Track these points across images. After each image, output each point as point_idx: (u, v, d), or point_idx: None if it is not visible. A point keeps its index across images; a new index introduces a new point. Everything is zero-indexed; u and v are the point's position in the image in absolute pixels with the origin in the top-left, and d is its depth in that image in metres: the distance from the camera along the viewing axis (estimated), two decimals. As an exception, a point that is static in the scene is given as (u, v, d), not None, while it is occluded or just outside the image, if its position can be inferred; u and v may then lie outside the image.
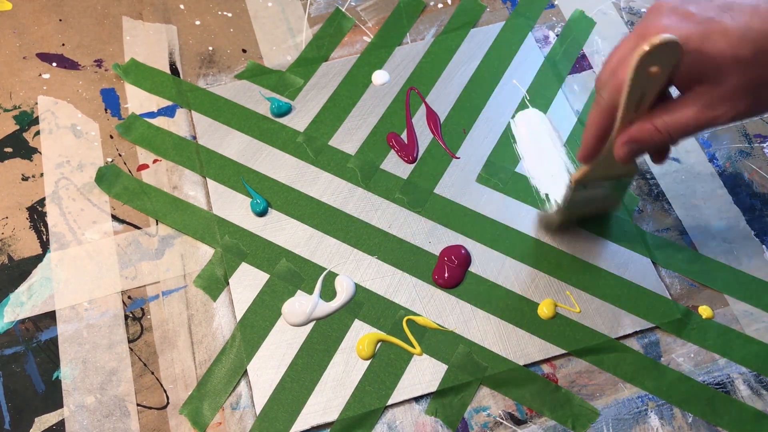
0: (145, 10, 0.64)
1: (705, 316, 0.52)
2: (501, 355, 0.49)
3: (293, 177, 0.56)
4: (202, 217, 0.54)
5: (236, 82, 0.61)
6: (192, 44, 0.63)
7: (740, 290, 0.53)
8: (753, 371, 0.50)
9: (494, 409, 0.48)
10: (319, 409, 0.47)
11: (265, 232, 0.54)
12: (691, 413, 0.48)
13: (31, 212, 0.54)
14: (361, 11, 0.65)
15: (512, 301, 0.52)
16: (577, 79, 0.62)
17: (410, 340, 0.50)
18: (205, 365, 0.49)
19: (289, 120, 0.59)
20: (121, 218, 0.54)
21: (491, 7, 0.65)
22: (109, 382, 0.48)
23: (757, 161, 0.58)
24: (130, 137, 0.57)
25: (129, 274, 0.52)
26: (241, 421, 0.47)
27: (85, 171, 0.56)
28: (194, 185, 0.56)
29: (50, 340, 0.49)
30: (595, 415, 0.48)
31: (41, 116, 0.58)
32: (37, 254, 0.53)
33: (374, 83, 0.60)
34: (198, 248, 0.53)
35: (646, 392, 0.49)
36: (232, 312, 0.51)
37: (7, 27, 0.63)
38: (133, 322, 0.50)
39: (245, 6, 0.65)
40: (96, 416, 0.47)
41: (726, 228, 0.55)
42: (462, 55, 0.62)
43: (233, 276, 0.52)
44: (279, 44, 0.63)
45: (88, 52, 0.62)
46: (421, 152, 0.58)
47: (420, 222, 0.55)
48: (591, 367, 0.50)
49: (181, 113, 0.59)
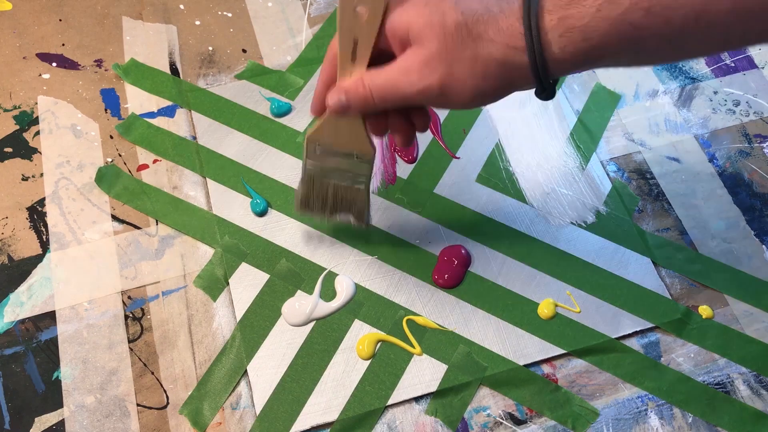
0: (145, 10, 0.64)
1: (705, 316, 0.52)
2: (501, 355, 0.49)
3: (293, 177, 0.56)
4: (202, 217, 0.54)
5: (236, 82, 0.61)
6: (192, 44, 0.63)
7: (740, 290, 0.53)
8: (753, 371, 0.50)
9: (494, 409, 0.48)
10: (319, 409, 0.47)
11: (265, 232, 0.54)
12: (691, 413, 0.48)
13: (31, 212, 0.54)
14: (361, 11, 0.65)
15: (512, 301, 0.52)
16: (577, 79, 0.62)
17: (410, 340, 0.50)
18: (205, 365, 0.49)
19: (289, 120, 0.59)
20: (121, 218, 0.54)
21: (491, 7, 0.65)
22: (109, 382, 0.48)
23: (757, 161, 0.58)
24: (130, 137, 0.57)
25: (129, 274, 0.52)
26: (241, 421, 0.47)
27: (85, 171, 0.56)
28: (194, 185, 0.56)
29: (50, 340, 0.49)
30: (595, 415, 0.48)
31: (41, 116, 0.58)
32: (37, 254, 0.53)
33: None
34: (198, 248, 0.53)
35: (646, 392, 0.49)
36: (232, 312, 0.51)
37: (7, 27, 0.63)
38: (133, 322, 0.50)
39: (245, 6, 0.65)
40: (96, 416, 0.47)
41: (726, 228, 0.55)
42: (462, 55, 0.62)
43: (233, 276, 0.52)
44: (279, 44, 0.63)
45: (88, 52, 0.62)
46: (421, 152, 0.58)
47: (420, 222, 0.54)
48: (591, 367, 0.50)
49: (181, 113, 0.59)
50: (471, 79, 0.36)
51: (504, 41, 0.34)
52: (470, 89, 0.36)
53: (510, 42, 0.34)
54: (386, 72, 0.38)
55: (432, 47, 0.36)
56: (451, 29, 0.35)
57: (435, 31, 0.35)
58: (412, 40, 0.36)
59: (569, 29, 0.33)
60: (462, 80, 0.36)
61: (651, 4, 0.31)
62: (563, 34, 0.33)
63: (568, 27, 0.33)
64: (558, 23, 0.33)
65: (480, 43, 0.35)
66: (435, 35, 0.35)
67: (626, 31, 0.32)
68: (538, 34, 0.33)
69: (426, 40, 0.36)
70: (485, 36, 0.35)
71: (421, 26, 0.36)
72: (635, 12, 0.32)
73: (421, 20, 0.36)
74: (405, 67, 0.37)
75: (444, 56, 0.36)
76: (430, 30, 0.35)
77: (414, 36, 0.36)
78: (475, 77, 0.36)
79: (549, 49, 0.34)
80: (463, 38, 0.35)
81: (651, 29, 0.32)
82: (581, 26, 0.33)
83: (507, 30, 0.34)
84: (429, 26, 0.35)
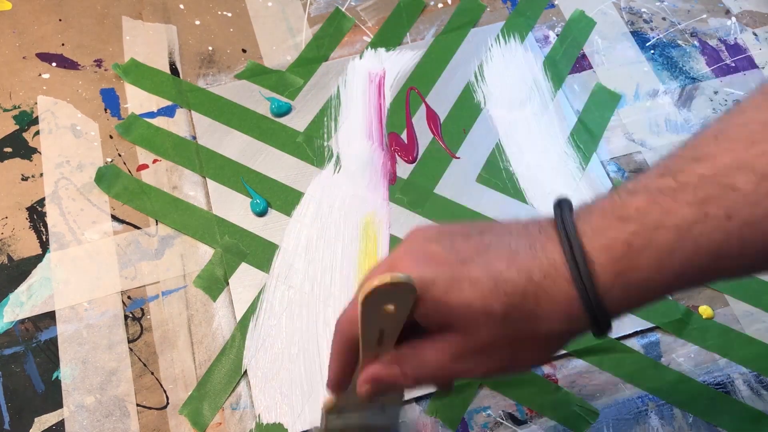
0: (145, 10, 0.64)
1: (705, 316, 0.52)
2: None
3: (293, 177, 0.56)
4: (202, 217, 0.54)
5: (236, 82, 0.61)
6: (192, 44, 0.63)
7: (740, 290, 0.53)
8: (753, 371, 0.50)
9: (494, 409, 0.48)
10: (319, 409, 0.47)
11: (265, 232, 0.54)
12: (692, 413, 0.48)
13: (30, 212, 0.54)
14: (361, 11, 0.65)
15: (512, 301, 0.51)
16: (577, 79, 0.62)
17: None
18: (205, 365, 0.49)
19: (289, 120, 0.59)
20: (121, 218, 0.54)
21: (491, 7, 0.65)
22: (108, 382, 0.48)
23: (757, 161, 0.58)
24: (129, 137, 0.57)
25: (129, 274, 0.52)
26: (241, 421, 0.47)
27: (84, 171, 0.56)
28: (194, 185, 0.56)
29: (50, 340, 0.49)
30: (595, 415, 0.48)
31: (41, 116, 0.58)
32: (36, 254, 0.52)
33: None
34: (198, 248, 0.53)
35: (646, 392, 0.49)
36: (232, 312, 0.51)
37: (7, 27, 0.63)
38: (133, 322, 0.50)
39: (245, 6, 0.65)
40: (96, 416, 0.47)
41: (726, 228, 0.55)
42: (462, 55, 0.62)
43: (233, 276, 0.52)
44: (279, 44, 0.63)
45: (88, 52, 0.62)
46: (421, 152, 0.58)
47: (420, 222, 0.54)
48: (591, 367, 0.50)
49: (181, 113, 0.59)
50: (534, 354, 0.33)
51: (562, 312, 0.30)
52: (533, 362, 0.34)
53: (568, 311, 0.30)
54: (429, 356, 0.33)
55: (483, 336, 0.31)
56: (499, 316, 0.30)
57: (481, 320, 0.31)
58: (455, 326, 0.32)
59: (628, 284, 0.30)
60: (524, 359, 0.33)
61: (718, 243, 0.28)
62: (624, 288, 0.30)
63: (627, 282, 0.30)
64: (616, 280, 0.29)
65: (536, 322, 0.31)
66: (483, 324, 0.31)
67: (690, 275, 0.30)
68: (596, 296, 0.30)
69: (473, 329, 0.31)
70: (539, 313, 0.30)
71: (463, 314, 0.31)
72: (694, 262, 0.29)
73: (460, 308, 0.31)
74: (455, 354, 0.32)
75: (500, 344, 0.32)
76: (474, 318, 0.31)
77: (456, 323, 0.32)
78: (539, 352, 0.33)
79: (610, 303, 0.30)
80: (515, 321, 0.31)
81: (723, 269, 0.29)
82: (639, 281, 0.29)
83: (562, 300, 0.30)
84: (470, 313, 0.31)
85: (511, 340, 0.31)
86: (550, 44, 0.63)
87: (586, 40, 0.64)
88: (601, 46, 0.63)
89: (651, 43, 0.64)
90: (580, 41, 0.63)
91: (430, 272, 0.31)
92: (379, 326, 0.32)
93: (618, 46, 0.64)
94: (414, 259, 0.32)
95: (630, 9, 0.66)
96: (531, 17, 0.65)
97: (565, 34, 0.64)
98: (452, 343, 0.32)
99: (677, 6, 0.66)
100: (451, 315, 0.31)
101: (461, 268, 0.31)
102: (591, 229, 0.30)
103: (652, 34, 0.64)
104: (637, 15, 0.65)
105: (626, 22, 0.65)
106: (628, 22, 0.65)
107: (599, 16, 0.65)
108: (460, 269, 0.31)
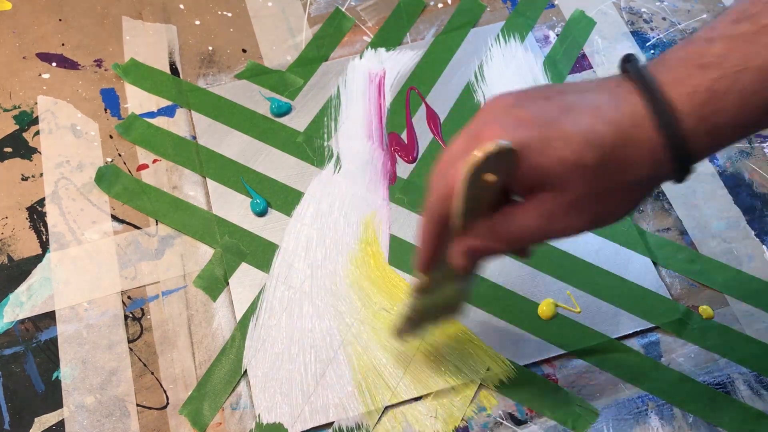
0: (145, 10, 0.64)
1: (705, 316, 0.52)
2: (501, 355, 0.49)
3: (293, 177, 0.56)
4: (202, 217, 0.54)
5: (236, 82, 0.61)
6: (192, 44, 0.63)
7: (740, 290, 0.53)
8: (753, 371, 0.50)
9: (494, 409, 0.48)
10: (319, 410, 0.47)
11: (265, 232, 0.54)
12: (692, 413, 0.48)
13: (30, 212, 0.54)
14: (361, 11, 0.65)
15: (512, 301, 0.51)
16: (577, 79, 0.62)
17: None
18: (205, 365, 0.49)
19: (289, 120, 0.59)
20: (121, 218, 0.54)
21: (491, 7, 0.65)
22: (108, 382, 0.48)
23: (757, 161, 0.58)
24: (129, 137, 0.57)
25: (129, 274, 0.52)
26: (241, 421, 0.47)
27: (84, 171, 0.56)
28: (194, 185, 0.56)
29: (50, 340, 0.49)
30: (595, 415, 0.48)
31: (41, 116, 0.58)
32: (36, 254, 0.52)
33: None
34: (198, 248, 0.53)
35: (646, 392, 0.49)
36: (232, 312, 0.51)
37: (7, 27, 0.63)
38: (133, 322, 0.50)
39: (245, 6, 0.65)
40: (96, 416, 0.47)
41: (726, 228, 0.55)
42: (462, 55, 0.62)
43: (233, 276, 0.52)
44: (279, 44, 0.63)
45: (88, 52, 0.62)
46: (421, 152, 0.58)
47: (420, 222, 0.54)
48: (591, 367, 0.50)
49: (181, 113, 0.59)
50: (625, 206, 0.34)
51: (650, 159, 0.32)
52: (623, 214, 0.35)
53: (655, 157, 0.32)
54: (523, 220, 0.34)
55: (576, 190, 0.32)
56: (591, 168, 0.32)
57: (574, 174, 0.32)
58: (548, 185, 0.33)
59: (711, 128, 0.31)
60: (615, 211, 0.34)
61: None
62: (707, 132, 0.31)
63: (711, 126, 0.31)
64: (699, 124, 0.31)
65: (625, 171, 0.32)
66: (576, 178, 0.32)
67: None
68: (682, 141, 0.31)
69: (565, 185, 0.32)
70: (628, 161, 0.32)
71: (558, 171, 0.32)
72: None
73: (555, 166, 0.32)
74: (547, 214, 0.33)
75: (592, 197, 0.33)
76: (568, 173, 0.32)
77: (550, 182, 0.32)
78: (626, 203, 0.34)
79: (693, 147, 0.32)
80: (607, 173, 0.32)
81: None
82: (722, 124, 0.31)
83: (649, 148, 0.32)
84: (564, 169, 0.32)
85: (602, 191, 0.32)
86: (550, 44, 0.63)
87: (586, 40, 0.64)
88: (601, 46, 0.63)
89: (651, 43, 0.64)
90: (580, 41, 0.63)
91: (523, 135, 0.32)
92: (476, 198, 0.33)
93: (618, 46, 0.64)
94: (502, 125, 0.32)
95: (630, 9, 0.66)
96: (531, 17, 0.65)
97: (565, 34, 0.64)
98: (544, 202, 0.33)
99: (677, 6, 0.66)
100: (545, 174, 0.32)
101: (551, 127, 0.32)
102: (672, 78, 0.31)
103: (652, 34, 0.64)
104: (637, 15, 0.65)
105: (626, 22, 0.65)
106: (628, 22, 0.65)
107: (599, 16, 0.65)
108: (550, 129, 0.32)
